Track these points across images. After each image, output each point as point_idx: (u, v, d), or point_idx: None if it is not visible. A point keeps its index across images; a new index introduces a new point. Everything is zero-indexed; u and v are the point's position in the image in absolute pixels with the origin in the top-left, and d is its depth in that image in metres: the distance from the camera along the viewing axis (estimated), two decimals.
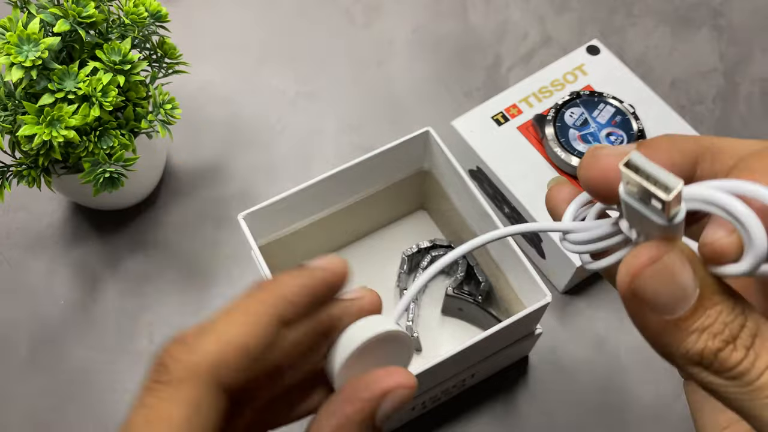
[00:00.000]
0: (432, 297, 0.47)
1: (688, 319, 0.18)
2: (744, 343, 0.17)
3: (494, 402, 0.44)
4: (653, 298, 0.18)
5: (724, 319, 0.18)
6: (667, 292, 0.18)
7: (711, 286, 0.18)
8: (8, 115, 0.40)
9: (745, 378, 0.17)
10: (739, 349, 0.17)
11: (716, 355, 0.17)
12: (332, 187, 0.42)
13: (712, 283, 0.18)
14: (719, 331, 0.17)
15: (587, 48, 0.53)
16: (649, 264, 0.18)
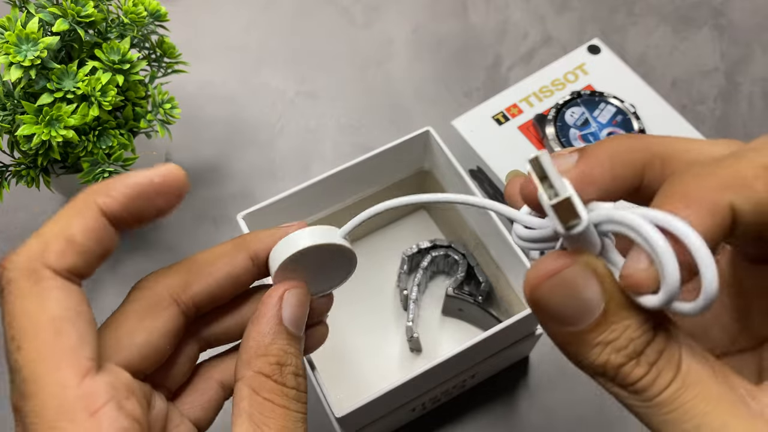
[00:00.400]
0: (432, 297, 0.47)
1: (591, 332, 0.18)
2: (648, 359, 0.17)
3: (494, 403, 0.44)
4: (554, 309, 0.18)
5: (630, 335, 0.18)
6: (567, 305, 0.18)
7: (619, 301, 0.18)
8: (7, 114, 0.39)
9: (646, 393, 0.17)
10: (642, 364, 0.17)
11: (618, 370, 0.17)
12: (332, 187, 0.41)
13: (620, 299, 0.18)
14: (623, 346, 0.17)
15: (588, 47, 0.53)
16: (547, 277, 0.18)
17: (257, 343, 0.23)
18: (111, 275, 0.49)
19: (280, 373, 0.23)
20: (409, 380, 0.35)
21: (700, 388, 0.17)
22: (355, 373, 0.44)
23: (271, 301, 0.24)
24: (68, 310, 0.20)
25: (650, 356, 0.17)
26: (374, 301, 0.46)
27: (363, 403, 0.34)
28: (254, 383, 0.23)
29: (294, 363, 0.23)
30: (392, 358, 0.45)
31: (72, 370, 0.20)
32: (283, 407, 0.23)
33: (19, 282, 0.20)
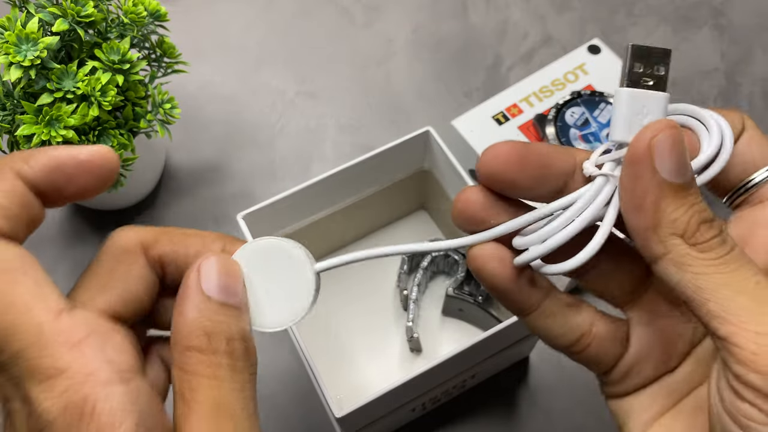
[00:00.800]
0: (432, 297, 0.46)
1: (687, 189, 0.20)
2: (718, 225, 0.20)
3: (495, 403, 0.44)
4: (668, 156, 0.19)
5: (704, 205, 0.20)
6: (677, 157, 0.19)
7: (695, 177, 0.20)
8: (7, 114, 0.39)
9: (717, 251, 0.19)
10: (715, 228, 0.20)
11: (699, 226, 0.19)
12: (332, 187, 0.41)
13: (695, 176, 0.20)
14: (703, 209, 0.20)
15: (588, 47, 0.53)
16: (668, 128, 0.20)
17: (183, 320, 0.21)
18: None
19: (208, 342, 0.21)
20: (409, 380, 0.35)
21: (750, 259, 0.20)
22: (355, 373, 0.44)
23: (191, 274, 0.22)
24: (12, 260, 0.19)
25: (718, 225, 0.20)
26: (374, 301, 0.46)
27: (363, 403, 0.34)
28: (182, 361, 0.21)
29: (226, 329, 0.21)
30: (392, 358, 0.45)
31: (44, 309, 0.19)
32: (212, 377, 0.20)
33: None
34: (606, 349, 0.24)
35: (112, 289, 0.22)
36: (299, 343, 0.36)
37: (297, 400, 0.44)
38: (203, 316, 0.21)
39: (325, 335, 0.45)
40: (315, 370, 0.35)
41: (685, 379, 0.24)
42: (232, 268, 0.22)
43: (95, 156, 0.21)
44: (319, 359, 0.42)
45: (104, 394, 0.18)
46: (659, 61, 0.22)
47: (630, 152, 0.20)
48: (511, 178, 0.22)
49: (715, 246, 0.19)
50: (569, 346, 0.24)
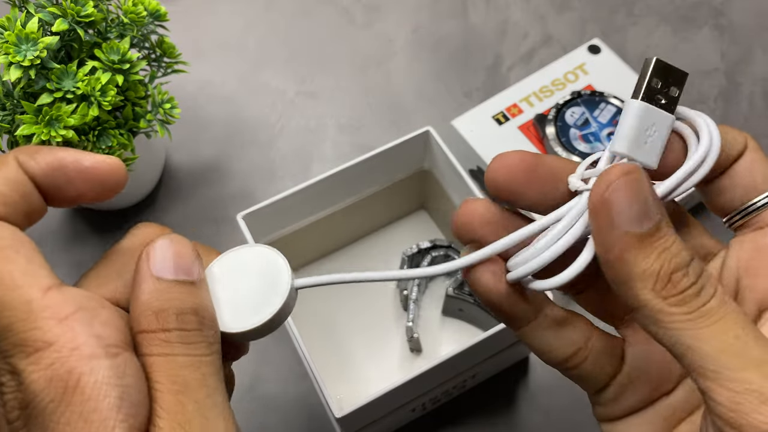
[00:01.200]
0: (432, 298, 0.46)
1: (653, 236, 0.19)
2: (694, 271, 0.19)
3: (494, 403, 0.44)
4: (625, 205, 0.19)
5: (679, 245, 0.19)
6: (636, 203, 0.19)
7: (666, 217, 0.19)
8: (6, 114, 0.39)
9: (692, 303, 0.18)
10: (691, 275, 0.19)
11: (671, 276, 0.18)
12: (332, 187, 0.41)
13: (666, 215, 0.19)
14: (676, 253, 0.19)
15: (588, 47, 0.53)
16: (623, 175, 0.19)
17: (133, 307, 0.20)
18: None
19: (156, 321, 0.20)
20: (409, 380, 0.35)
21: (733, 306, 0.19)
22: (355, 373, 0.44)
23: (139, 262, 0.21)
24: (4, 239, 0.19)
25: (695, 270, 0.19)
26: (374, 301, 0.46)
27: (363, 404, 0.34)
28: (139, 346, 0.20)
29: (177, 304, 0.20)
30: (392, 359, 0.45)
31: (33, 286, 0.19)
32: (165, 355, 0.20)
33: None
34: (601, 365, 0.23)
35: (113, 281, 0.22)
36: (299, 343, 0.36)
37: (297, 400, 0.44)
38: (152, 297, 0.20)
39: (325, 335, 0.45)
40: (315, 370, 0.35)
41: (681, 404, 0.23)
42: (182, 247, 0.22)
43: (100, 165, 0.21)
44: (319, 359, 0.42)
45: (89, 368, 0.18)
46: (676, 82, 0.21)
47: (589, 206, 0.20)
48: (517, 189, 0.22)
49: (691, 297, 0.18)
50: (564, 361, 0.24)
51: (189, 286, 0.21)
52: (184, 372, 0.20)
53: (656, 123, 0.21)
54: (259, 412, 0.44)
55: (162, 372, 0.20)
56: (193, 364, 0.20)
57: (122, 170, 0.22)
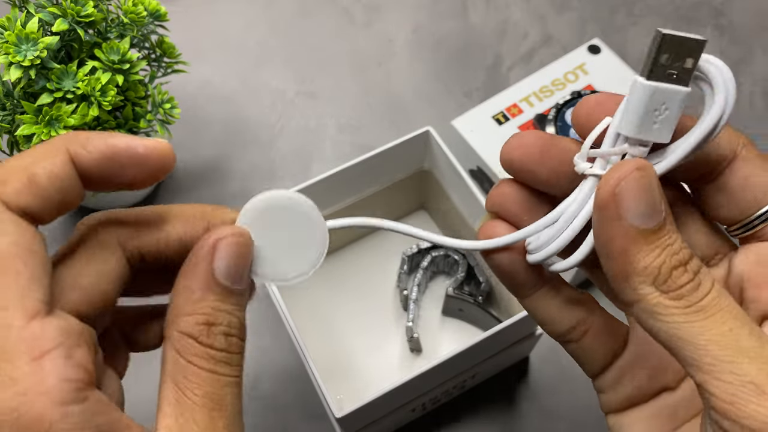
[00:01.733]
0: (432, 298, 0.46)
1: (657, 233, 0.19)
2: (693, 268, 0.19)
3: (495, 403, 0.44)
4: (634, 201, 0.19)
5: (680, 244, 0.19)
6: (645, 200, 0.19)
7: (670, 214, 0.20)
8: (7, 114, 0.39)
9: (689, 297, 0.19)
10: (689, 272, 0.19)
11: (671, 272, 0.19)
12: (332, 187, 0.41)
13: (670, 213, 0.20)
14: (676, 251, 0.19)
15: (588, 47, 0.53)
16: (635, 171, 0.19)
17: (184, 299, 0.21)
18: None
19: (207, 334, 0.20)
20: (409, 380, 0.35)
21: (730, 302, 0.19)
22: (355, 373, 0.44)
23: (201, 252, 0.21)
24: (19, 246, 0.19)
25: (694, 266, 0.19)
26: (374, 301, 0.46)
27: (363, 404, 0.34)
28: (178, 345, 0.20)
29: (226, 321, 0.21)
30: (392, 359, 0.45)
31: (20, 310, 0.18)
32: (209, 371, 0.20)
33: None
34: (602, 342, 0.24)
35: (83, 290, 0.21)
36: (299, 344, 0.36)
37: (297, 400, 0.44)
38: (207, 301, 0.21)
39: (325, 335, 0.45)
40: (315, 371, 0.35)
41: (686, 402, 0.23)
42: (245, 250, 0.22)
43: (153, 152, 0.21)
44: (319, 359, 0.42)
45: (60, 414, 0.18)
46: (690, 53, 0.20)
47: (597, 197, 0.20)
48: (530, 169, 0.22)
49: (689, 292, 0.19)
50: (566, 332, 0.24)
51: (240, 297, 0.21)
52: (223, 392, 0.20)
53: (667, 100, 0.20)
54: (259, 412, 0.44)
55: (201, 386, 0.20)
56: (230, 384, 0.21)
57: (172, 154, 0.22)
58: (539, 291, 0.24)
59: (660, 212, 0.19)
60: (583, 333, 0.24)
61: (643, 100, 0.20)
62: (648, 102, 0.20)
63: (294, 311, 0.39)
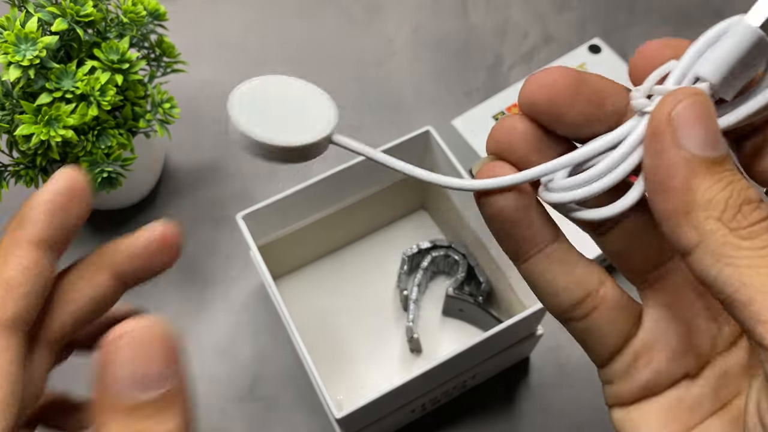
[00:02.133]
0: (432, 298, 0.46)
1: (721, 164, 0.17)
2: (765, 206, 0.17)
3: (495, 403, 0.44)
4: (694, 126, 0.17)
5: (745, 183, 0.17)
6: (704, 127, 0.17)
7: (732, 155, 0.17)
8: (6, 114, 0.39)
9: (764, 237, 0.16)
10: (762, 209, 0.16)
11: (741, 207, 0.16)
12: (332, 187, 0.41)
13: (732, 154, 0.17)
14: (746, 186, 0.17)
15: (588, 47, 0.52)
16: (693, 95, 0.17)
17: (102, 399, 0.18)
18: None
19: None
20: (409, 381, 0.35)
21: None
22: (355, 373, 0.44)
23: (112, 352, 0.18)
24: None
25: (764, 209, 0.17)
26: (374, 302, 0.46)
27: (363, 404, 0.34)
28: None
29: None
30: (392, 359, 0.45)
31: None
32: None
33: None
34: (614, 320, 0.20)
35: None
36: (299, 344, 0.36)
37: (297, 400, 0.44)
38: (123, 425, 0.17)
39: (325, 335, 0.45)
40: (315, 371, 0.35)
41: (709, 394, 0.20)
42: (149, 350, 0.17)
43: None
44: (319, 359, 0.42)
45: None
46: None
47: (651, 125, 0.17)
48: (558, 111, 0.19)
49: (763, 232, 0.16)
50: (571, 308, 0.20)
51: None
52: None
53: (760, 57, 0.17)
54: (259, 412, 0.44)
55: None
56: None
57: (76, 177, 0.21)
58: (544, 251, 0.20)
59: (721, 143, 0.17)
60: (592, 308, 0.20)
61: (743, 45, 0.17)
62: (746, 50, 0.17)
63: (294, 311, 0.39)
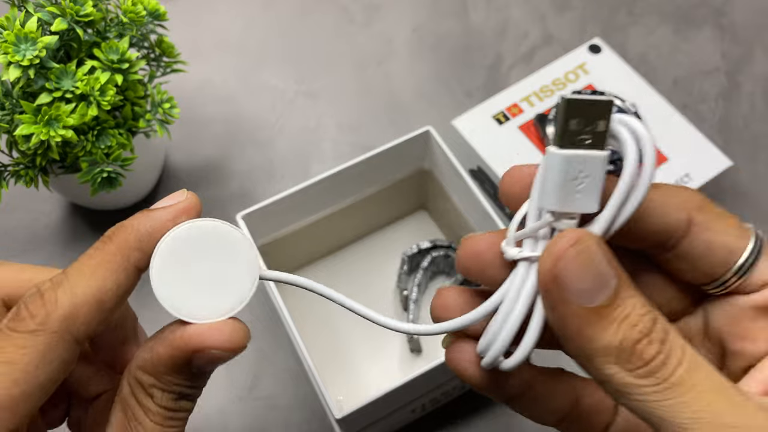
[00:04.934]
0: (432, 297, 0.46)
1: (609, 307, 0.18)
2: (658, 337, 0.18)
3: (495, 404, 0.44)
4: (576, 281, 0.18)
5: (639, 311, 0.18)
6: (589, 276, 0.18)
7: (625, 278, 0.18)
8: (5, 114, 0.39)
9: (659, 374, 0.17)
10: (654, 343, 0.17)
11: (634, 348, 0.17)
12: (332, 187, 0.41)
13: (625, 276, 0.18)
14: (635, 322, 0.18)
15: (589, 47, 0.52)
16: (571, 245, 0.18)
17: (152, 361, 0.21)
18: None
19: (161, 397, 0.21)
20: (409, 381, 0.34)
21: (706, 371, 0.17)
22: (355, 373, 0.44)
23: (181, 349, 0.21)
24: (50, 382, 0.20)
25: (659, 334, 0.18)
26: (374, 302, 0.46)
27: (363, 404, 0.34)
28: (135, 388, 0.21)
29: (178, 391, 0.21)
30: (392, 359, 0.45)
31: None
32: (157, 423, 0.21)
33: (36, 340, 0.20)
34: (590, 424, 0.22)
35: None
36: (299, 344, 0.36)
37: (297, 400, 0.44)
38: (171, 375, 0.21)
39: (325, 335, 0.45)
40: (315, 371, 0.35)
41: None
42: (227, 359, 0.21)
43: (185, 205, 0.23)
44: (319, 359, 0.42)
45: None
46: (600, 116, 0.19)
47: (539, 281, 0.18)
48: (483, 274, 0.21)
49: (658, 367, 0.17)
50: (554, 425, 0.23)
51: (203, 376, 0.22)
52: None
53: (585, 166, 0.18)
54: (259, 412, 0.44)
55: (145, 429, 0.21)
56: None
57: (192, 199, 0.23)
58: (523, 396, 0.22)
59: (608, 284, 0.18)
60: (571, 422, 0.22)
61: (559, 170, 0.19)
62: (562, 171, 0.19)
63: (294, 311, 0.39)
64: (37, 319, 0.20)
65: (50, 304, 0.20)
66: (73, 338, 0.20)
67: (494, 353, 0.20)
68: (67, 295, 0.20)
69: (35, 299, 0.20)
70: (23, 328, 0.20)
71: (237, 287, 0.21)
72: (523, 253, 0.19)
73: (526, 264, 0.20)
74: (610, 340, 0.17)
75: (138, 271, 0.21)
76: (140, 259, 0.21)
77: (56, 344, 0.20)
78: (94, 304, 0.20)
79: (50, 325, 0.20)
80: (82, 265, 0.21)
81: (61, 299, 0.20)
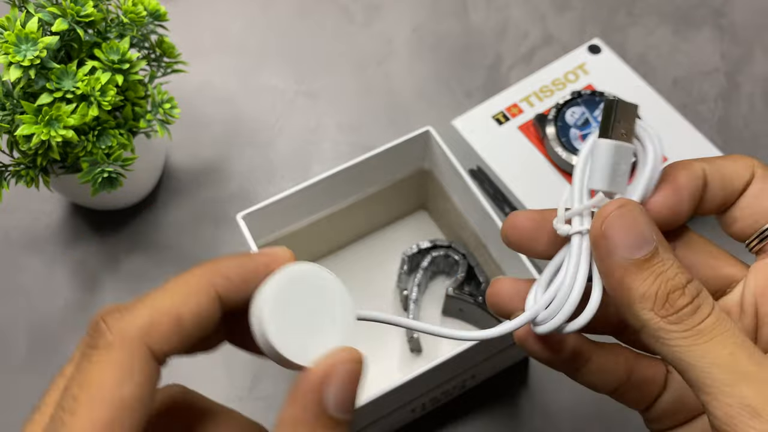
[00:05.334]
0: (432, 297, 0.46)
1: (649, 261, 0.20)
2: (690, 292, 0.20)
3: (494, 403, 0.44)
4: (620, 236, 0.21)
5: (675, 269, 0.21)
6: (631, 233, 0.21)
7: (665, 243, 0.21)
8: (6, 114, 0.39)
9: (688, 321, 0.20)
10: (687, 295, 0.20)
11: (667, 297, 0.20)
12: (332, 187, 0.41)
13: (665, 242, 0.21)
14: (672, 276, 0.20)
15: (588, 47, 0.52)
16: (617, 209, 0.21)
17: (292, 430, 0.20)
18: (111, 275, 0.49)
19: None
20: (409, 381, 0.35)
21: (731, 328, 0.20)
22: None
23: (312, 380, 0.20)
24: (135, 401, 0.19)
25: (692, 290, 0.20)
26: (374, 302, 0.46)
27: (363, 404, 0.34)
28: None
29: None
30: (392, 359, 0.45)
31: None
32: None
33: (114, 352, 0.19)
34: (643, 392, 0.25)
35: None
36: None
37: None
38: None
39: None
40: None
41: None
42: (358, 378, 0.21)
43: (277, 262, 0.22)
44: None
45: None
46: (631, 116, 0.24)
47: (590, 239, 0.22)
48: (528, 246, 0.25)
49: (687, 315, 0.20)
50: (609, 393, 0.26)
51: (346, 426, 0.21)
52: None
53: (624, 156, 0.23)
54: (259, 412, 0.44)
55: None
56: None
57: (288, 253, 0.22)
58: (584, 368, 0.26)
59: (649, 242, 0.21)
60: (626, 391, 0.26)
61: (609, 155, 0.23)
62: (611, 157, 0.23)
63: None
64: (114, 331, 0.19)
65: (128, 314, 0.20)
66: (151, 352, 0.19)
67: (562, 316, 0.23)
68: (147, 308, 0.20)
69: (114, 313, 0.20)
70: (101, 342, 0.19)
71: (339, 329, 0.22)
72: (575, 228, 0.23)
73: (579, 237, 0.23)
74: (648, 289, 0.20)
75: (219, 299, 0.21)
76: (224, 285, 0.21)
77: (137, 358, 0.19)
78: (173, 318, 0.20)
79: (128, 335, 0.19)
80: (165, 285, 0.21)
81: (139, 310, 0.20)
